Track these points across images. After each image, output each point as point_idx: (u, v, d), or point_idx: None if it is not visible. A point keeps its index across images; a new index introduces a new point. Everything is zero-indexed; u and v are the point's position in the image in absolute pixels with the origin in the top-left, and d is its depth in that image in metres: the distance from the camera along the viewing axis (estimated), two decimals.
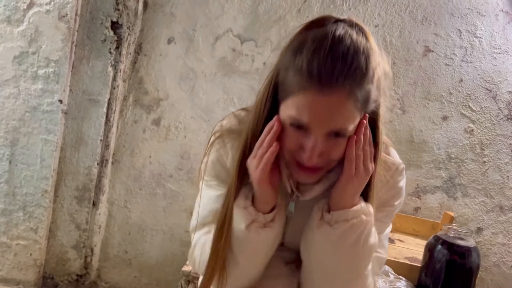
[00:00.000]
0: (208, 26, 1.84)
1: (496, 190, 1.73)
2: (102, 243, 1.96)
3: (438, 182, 1.77)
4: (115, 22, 1.77)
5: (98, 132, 1.82)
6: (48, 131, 1.74)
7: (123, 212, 1.94)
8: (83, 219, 1.88)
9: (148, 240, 1.94)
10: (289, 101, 0.78)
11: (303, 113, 0.75)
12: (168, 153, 1.89)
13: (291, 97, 0.77)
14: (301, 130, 0.78)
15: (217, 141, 0.93)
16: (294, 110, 0.76)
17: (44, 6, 1.68)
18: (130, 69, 1.88)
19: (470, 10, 1.71)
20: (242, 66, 1.83)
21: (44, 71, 1.71)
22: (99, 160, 1.85)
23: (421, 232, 1.73)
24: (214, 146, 0.93)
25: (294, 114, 0.77)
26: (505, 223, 1.74)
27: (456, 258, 1.26)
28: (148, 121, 1.90)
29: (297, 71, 0.75)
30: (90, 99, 1.81)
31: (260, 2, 1.80)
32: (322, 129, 0.76)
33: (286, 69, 0.78)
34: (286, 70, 0.78)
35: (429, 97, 1.75)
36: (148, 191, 1.92)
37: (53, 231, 1.88)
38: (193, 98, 1.86)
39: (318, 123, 0.76)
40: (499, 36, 1.70)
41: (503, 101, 1.71)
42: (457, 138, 1.75)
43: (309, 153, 0.77)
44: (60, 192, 1.85)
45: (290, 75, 0.77)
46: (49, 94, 1.72)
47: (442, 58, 1.73)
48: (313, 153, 0.77)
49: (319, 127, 0.76)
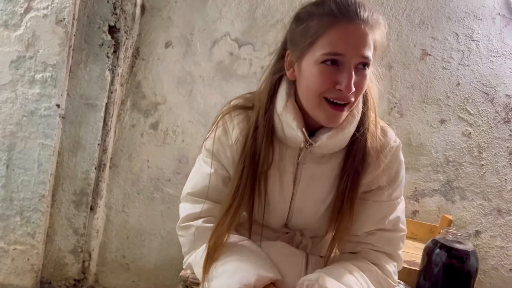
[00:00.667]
0: (206, 30, 1.84)
1: (494, 193, 1.74)
2: (100, 247, 1.96)
3: (436, 185, 1.77)
4: (113, 26, 1.77)
5: (95, 137, 1.82)
6: (46, 136, 1.74)
7: (121, 216, 1.94)
8: (80, 223, 1.87)
9: (146, 244, 1.94)
10: (318, 44, 0.88)
11: (339, 44, 0.87)
12: (166, 157, 1.89)
13: (321, 39, 0.88)
14: (334, 66, 0.88)
15: (225, 117, 1.03)
16: (328, 47, 0.87)
17: (41, 11, 1.68)
18: (127, 73, 1.88)
19: (467, 14, 1.71)
20: (240, 70, 1.83)
21: (42, 75, 1.70)
22: (97, 164, 1.85)
23: (419, 235, 1.73)
24: (221, 120, 1.03)
25: (329, 49, 0.87)
26: (503, 226, 1.74)
27: (454, 262, 1.26)
28: (146, 125, 1.89)
29: (325, 14, 0.88)
30: (88, 103, 1.81)
31: (258, 6, 1.80)
32: (355, 56, 0.87)
33: (307, 21, 0.90)
34: (308, 22, 0.90)
35: (426, 101, 1.76)
36: (146, 195, 1.91)
37: (51, 236, 1.87)
38: (191, 102, 1.86)
39: (352, 50, 0.87)
40: (496, 40, 1.70)
41: (501, 104, 1.72)
42: (454, 141, 1.75)
43: (347, 81, 0.87)
44: (57, 196, 1.85)
45: (315, 22, 0.89)
46: (46, 99, 1.72)
47: (440, 62, 1.74)
48: (350, 80, 0.87)
49: (352, 54, 0.87)
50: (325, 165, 1.00)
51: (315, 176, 1.01)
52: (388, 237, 1.04)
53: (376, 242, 1.03)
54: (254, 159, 0.97)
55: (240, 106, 1.04)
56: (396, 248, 1.05)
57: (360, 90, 0.91)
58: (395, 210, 1.04)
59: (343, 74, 0.87)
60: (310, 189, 1.01)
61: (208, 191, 1.02)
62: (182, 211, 1.08)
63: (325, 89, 0.90)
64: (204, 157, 1.06)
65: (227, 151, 1.02)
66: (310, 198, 1.03)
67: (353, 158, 0.98)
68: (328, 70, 0.88)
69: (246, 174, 0.97)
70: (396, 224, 1.04)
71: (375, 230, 1.03)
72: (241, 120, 1.01)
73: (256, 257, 0.97)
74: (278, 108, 0.97)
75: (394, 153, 1.02)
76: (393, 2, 1.74)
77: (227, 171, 1.04)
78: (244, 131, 0.99)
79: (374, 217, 1.02)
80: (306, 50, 0.91)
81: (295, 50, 0.94)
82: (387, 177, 1.00)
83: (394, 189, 1.03)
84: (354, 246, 1.06)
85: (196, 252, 1.03)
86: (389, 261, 1.04)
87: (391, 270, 1.04)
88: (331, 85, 0.89)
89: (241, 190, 0.97)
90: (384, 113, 1.76)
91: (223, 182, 1.03)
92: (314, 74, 0.90)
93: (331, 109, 0.91)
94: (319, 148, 0.96)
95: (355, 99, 0.92)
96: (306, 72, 0.92)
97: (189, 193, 1.07)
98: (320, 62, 0.89)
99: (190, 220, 1.05)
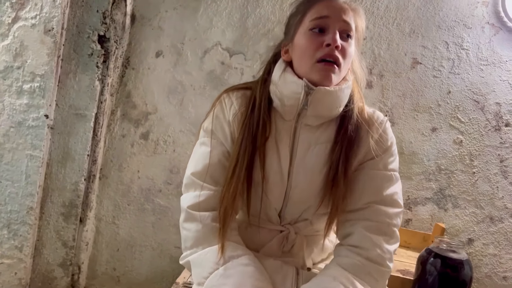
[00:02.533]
0: (197, 40, 1.83)
1: (486, 201, 1.74)
2: (90, 260, 1.92)
3: (429, 193, 1.77)
4: (102, 36, 1.76)
5: (85, 147, 1.79)
6: (34, 147, 1.71)
7: (111, 228, 1.91)
8: (70, 236, 1.84)
9: (137, 256, 1.91)
10: (307, 15, 1.02)
11: (323, 10, 1.00)
12: (156, 167, 1.87)
13: (309, 12, 1.02)
14: (321, 32, 1.00)
15: (222, 96, 1.10)
16: (314, 14, 1.01)
17: (29, 20, 1.66)
18: (117, 83, 1.86)
19: (456, 23, 1.72)
20: (231, 79, 1.82)
21: (30, 85, 1.68)
22: (86, 175, 1.82)
23: (413, 244, 1.72)
24: (219, 100, 1.10)
25: (315, 15, 1.01)
26: (496, 234, 1.74)
27: (449, 271, 1.25)
28: (136, 135, 1.87)
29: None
30: (77, 113, 1.78)
31: (249, 16, 1.80)
32: (338, 20, 1.00)
33: (296, 7, 1.06)
34: (297, 7, 1.06)
35: (418, 109, 1.76)
36: (136, 206, 1.89)
37: (39, 249, 1.83)
38: (182, 112, 1.85)
39: (335, 13, 1.00)
40: (485, 48, 1.72)
41: (491, 112, 1.73)
42: (446, 149, 1.75)
43: (332, 36, 0.99)
44: (46, 208, 1.81)
45: (301, 4, 1.05)
46: (34, 109, 1.69)
47: (430, 70, 1.75)
48: (335, 36, 0.99)
49: (336, 16, 1.00)
50: (320, 134, 1.06)
51: (311, 146, 1.06)
52: (386, 211, 1.03)
53: (373, 215, 1.02)
54: (252, 130, 1.03)
55: (237, 87, 1.12)
56: (393, 222, 1.04)
57: (346, 53, 1.01)
58: (392, 184, 1.06)
59: (329, 35, 0.99)
60: (306, 159, 1.05)
61: (211, 169, 1.05)
62: (184, 202, 1.06)
63: (314, 48, 1.00)
64: (202, 138, 1.10)
65: (225, 126, 1.07)
66: (306, 169, 1.05)
67: (345, 129, 1.04)
68: (316, 35, 1.01)
69: (245, 145, 1.02)
70: (393, 198, 1.05)
71: (372, 203, 1.03)
72: (239, 97, 1.08)
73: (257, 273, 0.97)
74: (276, 76, 1.06)
75: (386, 126, 1.09)
76: (384, 11, 1.75)
77: (225, 147, 1.07)
78: (242, 108, 1.06)
79: (371, 187, 1.04)
80: (297, 26, 1.04)
81: (288, 35, 1.07)
82: (381, 148, 1.06)
83: (389, 159, 1.07)
84: (351, 225, 1.04)
85: (199, 252, 1.01)
86: (384, 246, 1.01)
87: (385, 257, 1.00)
88: (320, 44, 0.99)
89: (241, 159, 1.02)
90: None
91: (224, 156, 1.06)
92: (306, 40, 1.01)
93: (323, 66, 1.00)
94: (318, 99, 1.01)
95: (343, 59, 1.01)
96: (298, 43, 1.03)
97: (193, 173, 1.07)
98: (309, 30, 1.01)
99: (196, 209, 1.03)
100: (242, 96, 1.08)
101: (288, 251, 1.11)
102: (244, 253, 1.01)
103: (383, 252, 1.00)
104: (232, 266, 0.96)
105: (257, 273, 0.96)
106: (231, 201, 1.01)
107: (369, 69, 1.76)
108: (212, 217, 1.02)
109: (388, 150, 1.07)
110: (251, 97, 1.07)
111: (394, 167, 1.08)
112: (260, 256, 1.06)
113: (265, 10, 1.79)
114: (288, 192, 1.07)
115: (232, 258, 0.98)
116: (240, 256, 0.99)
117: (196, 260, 1.01)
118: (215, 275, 0.95)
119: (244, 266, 0.96)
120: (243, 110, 1.06)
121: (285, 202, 1.09)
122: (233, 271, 0.95)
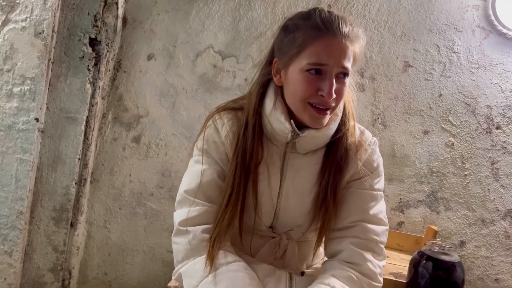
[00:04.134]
0: (189, 43, 1.82)
1: (477, 203, 1.74)
2: (81, 265, 1.90)
3: (421, 196, 1.77)
4: (94, 38, 1.75)
5: (76, 151, 1.78)
6: (24, 151, 1.69)
7: (103, 232, 1.89)
8: (60, 240, 1.82)
9: (129, 260, 1.89)
10: (305, 53, 0.97)
11: (322, 55, 0.96)
12: (148, 170, 1.86)
13: (307, 49, 0.96)
14: (318, 75, 0.97)
15: (214, 117, 1.10)
16: (313, 57, 0.96)
17: (19, 23, 1.65)
18: (109, 86, 1.85)
19: (447, 26, 1.73)
20: (223, 82, 1.81)
21: (20, 89, 1.66)
22: (77, 179, 1.80)
23: (405, 246, 1.72)
24: (211, 120, 1.10)
25: (314, 60, 0.96)
26: (488, 236, 1.74)
27: (441, 273, 1.25)
28: (128, 138, 1.86)
29: (311, 27, 0.97)
30: (68, 117, 1.77)
31: (241, 19, 1.80)
32: (337, 66, 0.96)
33: (294, 33, 0.99)
34: (295, 33, 0.99)
35: (409, 112, 1.77)
36: (128, 210, 1.87)
37: (29, 254, 1.81)
38: (174, 115, 1.84)
39: (334, 61, 0.96)
40: (476, 52, 1.73)
41: (482, 115, 1.74)
42: (438, 152, 1.76)
43: (328, 87, 0.96)
44: (36, 213, 1.79)
45: (301, 34, 0.97)
46: (24, 113, 1.67)
47: (422, 73, 1.75)
48: (331, 87, 0.96)
49: (334, 64, 0.96)
50: (309, 159, 1.08)
51: (300, 169, 1.08)
52: (373, 229, 1.06)
53: (361, 233, 1.05)
54: (245, 156, 1.03)
55: (228, 108, 1.11)
56: (380, 240, 1.07)
57: (340, 96, 1.00)
58: (378, 203, 1.10)
59: (325, 82, 0.96)
60: (296, 181, 1.08)
61: (204, 186, 1.05)
62: (176, 218, 1.06)
63: (309, 95, 0.98)
64: (196, 156, 1.11)
65: (220, 146, 1.08)
66: (296, 191, 1.08)
67: (334, 154, 1.06)
68: (312, 78, 0.97)
69: (240, 171, 1.03)
70: (379, 216, 1.09)
71: (360, 221, 1.06)
72: (230, 118, 1.08)
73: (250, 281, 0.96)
74: (267, 109, 1.05)
75: (374, 148, 1.12)
76: (375, 14, 1.76)
77: (220, 166, 1.07)
78: (234, 128, 1.07)
79: (358, 205, 1.07)
80: (293, 59, 0.99)
81: (282, 58, 1.03)
82: (368, 169, 1.09)
83: (375, 180, 1.10)
84: (339, 242, 1.07)
85: (190, 263, 1.00)
86: (374, 261, 1.04)
87: (376, 272, 1.03)
88: (314, 91, 0.97)
89: (236, 186, 1.02)
90: (368, 125, 1.77)
91: (218, 175, 1.07)
92: (300, 81, 0.98)
93: (315, 113, 1.00)
94: (305, 140, 1.04)
95: (336, 104, 1.01)
96: (292, 79, 1.00)
97: (186, 191, 1.07)
98: (305, 71, 0.97)
99: (188, 225, 1.03)
100: (233, 118, 1.09)
101: (280, 257, 1.11)
102: (235, 260, 1.00)
103: (374, 267, 1.03)
104: (222, 272, 0.95)
105: (247, 278, 0.96)
106: (225, 226, 1.01)
107: (361, 73, 1.76)
108: (203, 229, 1.02)
109: (375, 171, 1.11)
110: (242, 120, 1.06)
111: (380, 186, 1.12)
112: (253, 261, 1.05)
113: (257, 13, 1.79)
114: (277, 213, 1.10)
115: (222, 265, 0.97)
116: (231, 263, 0.98)
117: (186, 271, 1.00)
118: (205, 282, 0.95)
119: (235, 272, 0.96)
120: (235, 131, 1.06)
121: (275, 220, 1.12)
122: (223, 277, 0.94)
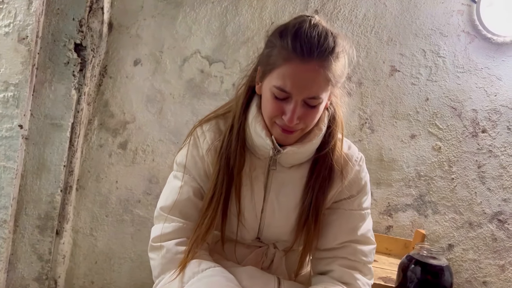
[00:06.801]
0: (176, 48, 1.81)
1: (465, 206, 1.76)
2: (67, 273, 1.87)
3: (409, 200, 1.78)
4: (79, 44, 1.72)
5: (61, 158, 1.75)
6: (7, 158, 1.66)
7: (89, 240, 1.86)
8: (45, 249, 1.78)
9: (116, 269, 1.86)
10: (274, 74, 0.94)
11: (287, 81, 0.92)
12: (135, 177, 1.84)
13: (277, 70, 0.93)
14: (283, 99, 0.94)
15: (195, 130, 1.08)
16: (279, 80, 0.93)
17: (2, 28, 1.62)
18: (94, 92, 1.83)
19: (433, 31, 1.75)
20: (211, 87, 1.81)
21: (3, 95, 1.63)
22: (63, 186, 1.77)
23: (394, 250, 1.73)
24: (192, 134, 1.08)
25: (279, 84, 0.93)
26: (475, 239, 1.75)
27: (429, 277, 1.25)
28: (114, 145, 1.84)
29: (283, 48, 0.92)
30: (53, 123, 1.74)
31: (228, 24, 1.79)
32: (301, 94, 0.92)
33: (272, 48, 0.95)
34: (272, 49, 0.95)
35: (397, 116, 1.77)
36: (115, 217, 1.85)
37: (13, 263, 1.77)
38: (161, 121, 1.82)
39: (298, 90, 0.92)
40: (461, 56, 1.74)
41: (468, 119, 1.75)
42: (425, 156, 1.77)
43: (290, 114, 0.93)
44: (20, 221, 1.76)
45: (276, 52, 0.94)
46: (8, 119, 1.64)
47: (408, 78, 1.76)
48: (293, 115, 0.93)
49: (299, 92, 0.92)
50: (294, 172, 1.05)
51: (285, 184, 1.05)
52: (362, 249, 1.06)
53: (350, 254, 1.04)
54: (228, 160, 1.01)
55: (210, 118, 1.09)
56: (368, 260, 1.07)
57: (309, 120, 0.97)
58: (365, 222, 1.08)
59: (289, 107, 0.94)
60: (280, 197, 1.05)
61: (180, 204, 1.03)
62: (153, 232, 1.05)
63: (274, 115, 0.97)
64: (175, 171, 1.09)
65: (198, 162, 1.05)
66: (280, 207, 1.06)
67: (317, 175, 1.03)
68: (277, 101, 0.95)
69: (222, 175, 1.01)
70: (367, 236, 1.08)
71: (348, 242, 1.05)
72: (211, 129, 1.06)
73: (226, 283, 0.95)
74: (250, 116, 1.03)
75: (361, 165, 1.09)
76: (362, 19, 1.77)
77: (197, 183, 1.05)
78: (216, 139, 1.04)
79: (346, 227, 1.06)
80: (266, 74, 0.97)
81: (261, 69, 1.01)
82: (355, 188, 1.07)
83: (363, 199, 1.08)
84: (328, 263, 1.06)
85: (166, 277, 0.98)
86: (363, 279, 1.04)
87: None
88: (279, 113, 0.96)
89: (218, 189, 1.01)
90: (356, 129, 1.77)
91: (194, 193, 1.04)
92: (268, 99, 0.97)
93: (281, 132, 0.98)
94: (287, 156, 1.02)
95: (306, 126, 0.98)
96: (264, 93, 0.99)
97: (161, 208, 1.05)
98: (272, 91, 0.95)
99: (162, 240, 1.02)
100: (215, 127, 1.07)
101: (268, 267, 1.10)
102: (209, 266, 0.98)
103: (363, 284, 1.04)
104: (197, 280, 0.94)
105: (224, 280, 0.94)
106: (204, 232, 1.00)
107: (348, 77, 1.76)
108: (177, 242, 1.01)
109: (362, 189, 1.08)
110: (226, 129, 1.04)
111: (367, 205, 1.10)
112: (238, 266, 1.04)
113: (245, 18, 1.79)
114: (261, 228, 1.09)
115: (196, 274, 0.95)
116: (205, 270, 0.96)
117: (163, 287, 0.98)
118: None
119: (210, 277, 0.94)
120: (217, 144, 1.04)
121: (260, 234, 1.10)
122: (199, 284, 0.92)
